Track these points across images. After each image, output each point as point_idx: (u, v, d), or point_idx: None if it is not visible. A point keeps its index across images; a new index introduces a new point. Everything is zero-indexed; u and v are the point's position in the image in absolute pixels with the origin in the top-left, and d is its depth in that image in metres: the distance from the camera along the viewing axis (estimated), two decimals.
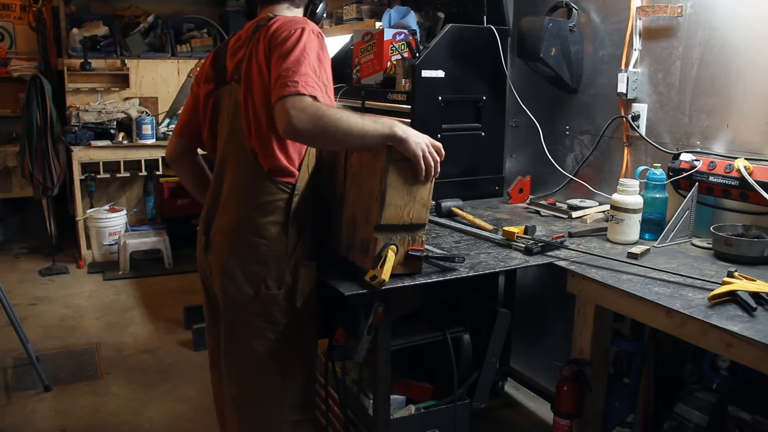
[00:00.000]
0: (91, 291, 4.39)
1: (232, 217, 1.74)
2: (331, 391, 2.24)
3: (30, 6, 5.29)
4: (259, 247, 1.70)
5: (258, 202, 1.70)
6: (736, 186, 1.94)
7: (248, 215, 1.70)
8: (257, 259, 1.71)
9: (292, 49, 1.57)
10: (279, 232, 1.70)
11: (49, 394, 2.99)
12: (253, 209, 1.70)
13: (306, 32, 1.61)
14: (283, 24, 1.64)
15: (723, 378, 1.90)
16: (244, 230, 1.71)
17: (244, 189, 1.72)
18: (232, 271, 1.73)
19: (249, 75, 1.68)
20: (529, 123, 2.75)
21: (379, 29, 2.85)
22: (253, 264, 1.71)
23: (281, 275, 1.72)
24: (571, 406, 2.12)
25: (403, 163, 1.62)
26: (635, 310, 1.64)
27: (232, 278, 1.73)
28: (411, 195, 1.66)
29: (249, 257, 1.71)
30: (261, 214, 1.70)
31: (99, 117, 4.92)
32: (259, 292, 1.72)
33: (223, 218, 1.77)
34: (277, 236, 1.70)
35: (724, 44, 2.04)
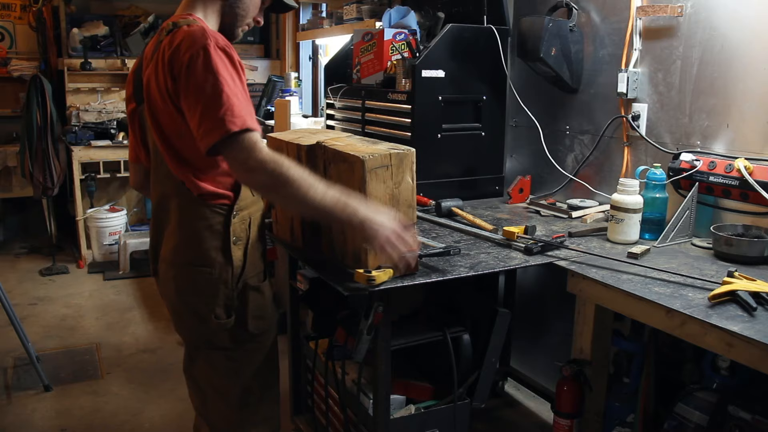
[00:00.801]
0: (91, 291, 4.39)
1: (172, 246, 1.62)
2: (331, 391, 2.24)
3: (30, 6, 5.29)
4: (202, 277, 1.59)
5: (194, 229, 1.57)
6: (736, 186, 1.94)
7: (186, 243, 1.59)
8: (201, 290, 1.61)
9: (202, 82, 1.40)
10: (220, 258, 1.59)
11: (49, 394, 2.99)
12: (190, 237, 1.58)
13: (210, 51, 1.41)
14: (181, 44, 1.44)
15: (723, 378, 1.90)
16: (184, 261, 1.60)
17: (180, 216, 1.59)
18: (178, 305, 1.66)
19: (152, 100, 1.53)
20: (529, 123, 2.75)
21: (379, 29, 2.85)
22: (198, 296, 1.62)
23: (229, 302, 1.63)
24: (571, 406, 2.12)
25: (381, 170, 1.60)
26: (635, 310, 1.64)
27: (179, 312, 1.68)
28: (394, 199, 1.65)
29: (193, 289, 1.61)
30: (199, 241, 1.57)
31: (99, 117, 4.92)
32: (206, 321, 1.63)
33: (165, 246, 1.65)
34: (219, 262, 1.59)
35: (724, 44, 2.04)
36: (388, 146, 1.74)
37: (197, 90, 1.41)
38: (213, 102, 1.39)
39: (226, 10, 1.61)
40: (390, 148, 1.71)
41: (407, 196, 1.68)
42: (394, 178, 1.64)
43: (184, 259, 1.61)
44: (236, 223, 1.60)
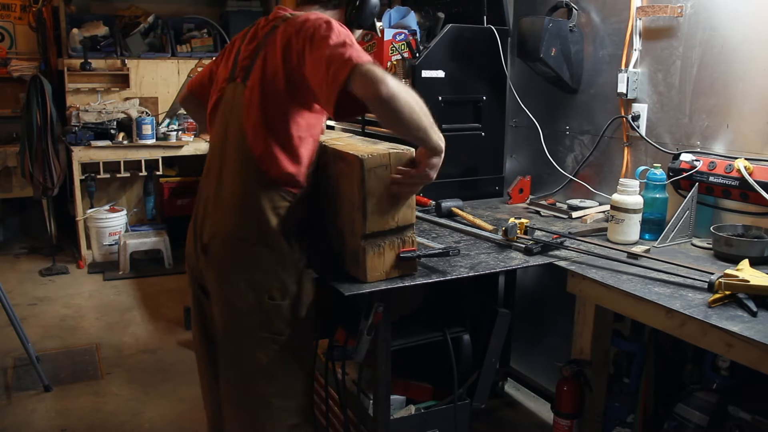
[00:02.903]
0: (91, 291, 4.39)
1: (231, 223, 1.67)
2: (331, 391, 2.24)
3: (30, 6, 5.29)
4: (263, 257, 1.65)
5: (263, 210, 1.64)
6: (736, 186, 1.94)
7: (250, 223, 1.65)
8: (261, 268, 1.66)
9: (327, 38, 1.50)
10: (283, 241, 1.66)
11: (49, 394, 2.99)
12: (257, 217, 1.64)
13: (334, 23, 1.54)
14: (305, 20, 1.57)
15: (723, 378, 1.90)
16: (246, 238, 1.66)
17: (248, 196, 1.65)
18: (235, 280, 1.68)
19: (258, 76, 1.62)
20: (529, 123, 2.75)
21: (379, 29, 2.85)
22: (257, 273, 1.66)
23: (286, 285, 1.68)
24: (572, 406, 2.12)
25: (380, 169, 1.60)
26: (635, 310, 1.64)
27: (235, 287, 1.68)
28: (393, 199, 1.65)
29: (252, 266, 1.66)
30: (265, 222, 1.64)
31: (99, 117, 4.92)
32: (263, 303, 1.67)
33: (221, 223, 1.69)
34: (281, 245, 1.66)
35: (724, 44, 2.04)
36: (387, 146, 1.74)
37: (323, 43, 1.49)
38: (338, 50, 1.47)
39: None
40: (389, 147, 1.70)
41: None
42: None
43: (245, 236, 1.66)
44: (300, 209, 1.69)
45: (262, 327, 1.70)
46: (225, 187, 1.70)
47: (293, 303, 1.70)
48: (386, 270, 1.69)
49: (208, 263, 1.74)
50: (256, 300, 1.67)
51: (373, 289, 1.66)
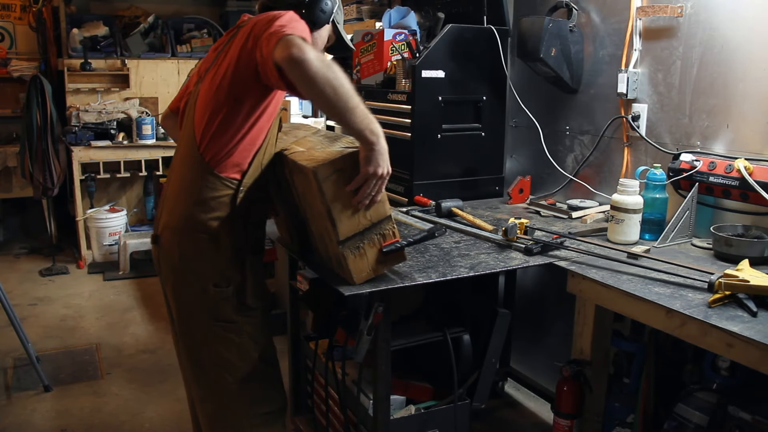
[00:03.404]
0: (91, 291, 4.39)
1: (178, 214, 1.72)
2: (331, 392, 2.24)
3: (30, 6, 5.29)
4: (205, 245, 1.69)
5: (202, 198, 1.68)
6: (736, 186, 1.94)
7: (193, 212, 1.69)
8: (204, 257, 1.70)
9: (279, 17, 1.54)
10: (224, 229, 1.69)
11: (49, 394, 2.99)
12: (197, 205, 1.68)
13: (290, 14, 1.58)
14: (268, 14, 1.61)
15: (723, 378, 1.90)
16: (190, 227, 1.69)
17: (190, 185, 1.70)
18: (180, 270, 1.73)
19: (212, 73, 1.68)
20: (529, 123, 2.75)
21: (379, 29, 2.85)
22: (201, 262, 1.70)
23: (229, 272, 1.71)
24: (571, 406, 2.11)
25: (336, 174, 1.55)
26: (635, 310, 1.64)
27: (182, 278, 1.74)
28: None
29: (196, 255, 1.70)
30: (206, 210, 1.68)
31: (99, 117, 4.92)
32: (208, 291, 1.71)
33: (170, 214, 1.75)
34: (223, 233, 1.69)
35: (724, 44, 2.04)
36: (345, 143, 1.68)
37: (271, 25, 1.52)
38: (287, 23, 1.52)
39: None
40: (346, 146, 1.65)
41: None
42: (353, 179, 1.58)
43: (188, 226, 1.70)
44: (241, 197, 1.70)
45: (211, 316, 1.73)
46: (174, 178, 1.77)
47: (238, 289, 1.72)
48: (372, 267, 1.66)
49: (160, 255, 1.79)
50: (201, 289, 1.71)
51: (373, 289, 1.66)
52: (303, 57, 1.40)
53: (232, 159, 1.67)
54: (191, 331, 1.79)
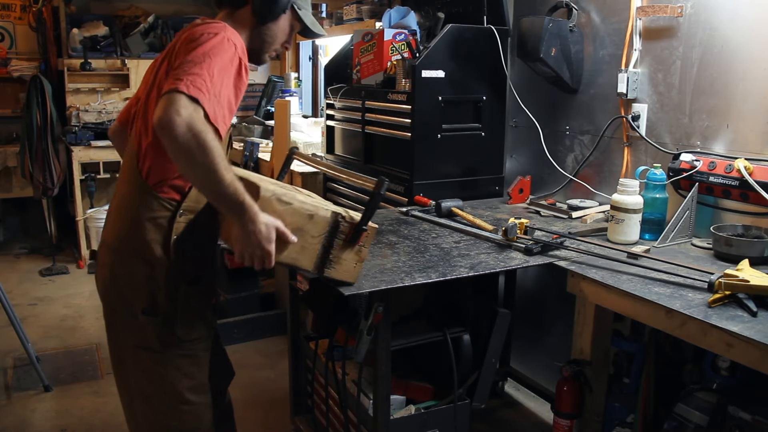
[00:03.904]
0: (91, 291, 4.39)
1: (114, 233, 1.61)
2: (331, 392, 2.24)
3: (30, 6, 5.29)
4: (137, 268, 1.57)
5: (138, 218, 1.55)
6: (736, 186, 1.94)
7: (128, 232, 1.57)
8: (135, 281, 1.58)
9: (195, 48, 1.42)
10: (159, 253, 1.55)
11: (49, 394, 2.99)
12: (132, 226, 1.56)
13: (219, 37, 1.46)
14: (199, 26, 1.51)
15: (723, 378, 1.90)
16: (123, 248, 1.58)
17: (127, 203, 1.58)
18: (111, 292, 1.63)
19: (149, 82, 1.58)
20: (529, 123, 2.75)
21: (379, 29, 2.85)
22: (131, 287, 1.59)
23: (158, 300, 1.57)
24: (571, 406, 2.12)
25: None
26: (635, 310, 1.64)
27: (111, 299, 1.65)
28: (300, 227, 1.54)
29: (127, 279, 1.59)
30: (141, 231, 1.55)
31: (99, 117, 4.92)
32: (135, 315, 1.59)
33: (107, 232, 1.64)
34: (157, 257, 1.55)
35: (724, 44, 2.04)
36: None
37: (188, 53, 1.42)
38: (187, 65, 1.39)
39: (253, 35, 1.65)
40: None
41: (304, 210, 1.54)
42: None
43: (123, 247, 1.59)
44: (180, 222, 1.57)
45: (138, 343, 1.62)
46: (116, 194, 1.66)
47: (167, 319, 1.59)
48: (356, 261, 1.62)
49: (97, 271, 1.71)
50: (129, 314, 1.60)
51: (373, 289, 1.66)
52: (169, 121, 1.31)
53: (170, 179, 1.55)
54: (120, 355, 1.69)
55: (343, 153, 3.16)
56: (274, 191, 1.49)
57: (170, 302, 1.58)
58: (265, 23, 1.65)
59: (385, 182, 1.57)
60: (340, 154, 3.20)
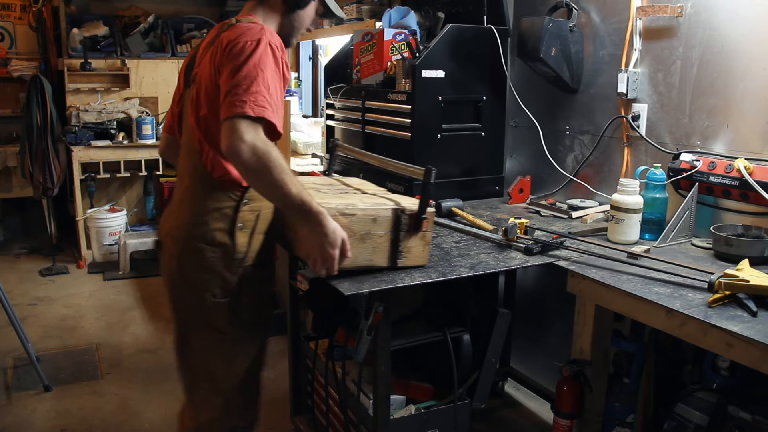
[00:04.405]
0: (91, 291, 4.39)
1: (180, 223, 1.72)
2: (331, 392, 2.24)
3: (30, 6, 5.29)
4: (205, 254, 1.67)
5: (206, 209, 1.67)
6: (736, 186, 1.94)
7: (195, 221, 1.68)
8: (203, 266, 1.68)
9: (244, 63, 1.52)
10: (225, 240, 1.67)
11: (49, 394, 2.99)
12: (200, 215, 1.67)
13: (262, 45, 1.55)
14: (240, 34, 1.58)
15: (723, 378, 1.90)
16: (191, 237, 1.68)
17: (194, 195, 1.70)
18: (178, 279, 1.73)
19: (200, 82, 1.65)
20: (529, 123, 2.75)
21: (379, 29, 2.85)
22: (199, 272, 1.69)
23: (227, 283, 1.69)
24: (571, 406, 2.12)
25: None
26: (635, 310, 1.64)
27: (178, 285, 1.75)
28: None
29: (195, 264, 1.69)
30: (208, 220, 1.67)
31: (99, 117, 4.92)
32: (204, 300, 1.69)
33: (173, 222, 1.74)
34: (224, 244, 1.67)
35: (724, 44, 2.04)
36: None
37: (237, 69, 1.52)
38: (245, 84, 1.50)
39: (284, 22, 1.75)
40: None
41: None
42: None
43: (189, 236, 1.69)
44: (245, 210, 1.68)
45: (205, 325, 1.73)
46: (180, 186, 1.77)
47: (233, 302, 1.71)
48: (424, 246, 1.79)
49: (162, 259, 1.80)
50: (198, 298, 1.70)
51: (373, 289, 1.66)
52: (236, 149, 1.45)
53: (233, 172, 1.65)
54: (186, 337, 1.80)
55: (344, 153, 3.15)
56: (337, 206, 1.65)
57: (237, 286, 1.70)
58: (295, 11, 1.75)
59: (432, 171, 1.72)
60: (340, 154, 3.19)
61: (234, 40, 1.57)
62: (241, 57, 1.53)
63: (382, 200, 1.81)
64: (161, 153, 2.02)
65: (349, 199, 1.77)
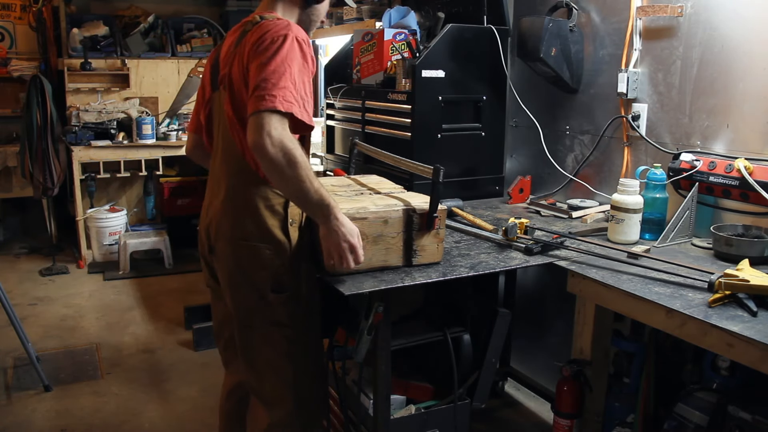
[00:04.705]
0: (91, 291, 4.39)
1: (233, 224, 1.73)
2: (331, 391, 2.24)
3: (30, 6, 5.29)
4: (262, 252, 1.70)
5: (257, 208, 1.69)
6: (736, 186, 1.94)
7: (247, 221, 1.70)
8: (261, 264, 1.71)
9: (272, 58, 1.55)
10: (280, 236, 1.70)
11: (49, 394, 2.99)
12: (253, 215, 1.70)
13: (288, 40, 1.57)
14: (267, 31, 1.60)
15: (723, 378, 1.90)
16: (246, 237, 1.70)
17: (244, 196, 1.71)
18: (237, 279, 1.74)
19: (233, 83, 1.67)
20: (529, 123, 2.75)
21: (379, 29, 2.85)
22: (257, 270, 1.71)
23: (284, 278, 1.72)
24: (571, 406, 2.12)
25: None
26: (635, 310, 1.64)
27: (238, 286, 1.75)
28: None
29: (252, 263, 1.71)
30: (261, 219, 1.69)
31: (99, 117, 4.92)
32: (265, 296, 1.72)
33: (225, 225, 1.75)
34: (278, 240, 1.70)
35: (724, 44, 2.04)
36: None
37: (265, 64, 1.55)
38: (273, 79, 1.53)
39: (302, 16, 1.80)
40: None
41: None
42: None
43: (244, 235, 1.71)
44: (293, 205, 1.71)
45: (266, 320, 1.75)
46: (223, 189, 1.76)
47: (293, 294, 1.74)
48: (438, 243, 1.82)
49: (218, 263, 1.81)
50: (258, 295, 1.72)
51: (373, 289, 1.66)
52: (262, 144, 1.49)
53: None
54: (248, 333, 1.80)
55: (343, 153, 3.16)
56: (348, 210, 1.69)
57: (294, 280, 1.74)
58: (312, 5, 1.80)
59: (441, 170, 1.75)
60: (340, 153, 3.20)
61: (261, 36, 1.59)
62: (269, 52, 1.55)
63: (394, 201, 1.83)
64: (188, 152, 2.04)
65: (361, 202, 1.79)
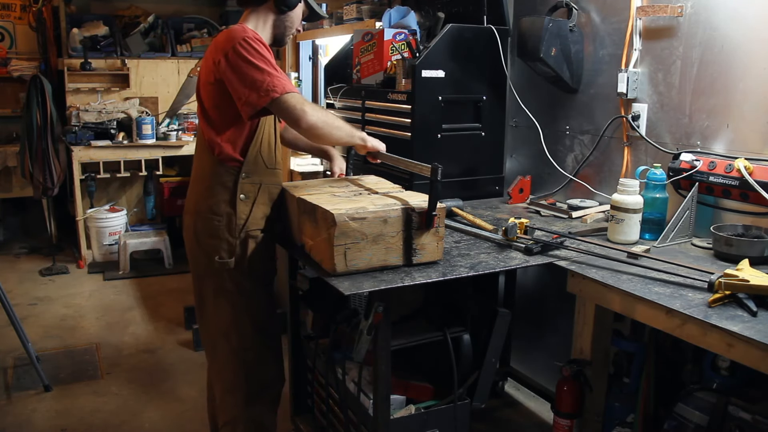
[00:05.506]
0: (91, 291, 4.39)
1: (193, 198, 2.03)
2: (331, 392, 2.24)
3: (30, 6, 5.29)
4: (212, 222, 1.97)
5: (211, 184, 1.97)
6: (736, 186, 1.94)
7: (204, 195, 1.98)
8: (211, 233, 1.97)
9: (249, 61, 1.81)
10: (227, 209, 1.96)
11: (49, 394, 2.99)
12: (207, 190, 1.98)
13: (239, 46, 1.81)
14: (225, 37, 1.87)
15: (723, 378, 1.90)
16: (200, 209, 1.99)
17: (202, 173, 2.00)
18: (193, 247, 2.03)
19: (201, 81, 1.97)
20: (529, 123, 2.75)
21: (379, 29, 2.85)
22: (208, 238, 1.98)
23: (231, 247, 1.97)
24: (571, 406, 2.12)
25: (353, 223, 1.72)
26: (635, 310, 1.64)
27: (193, 251, 2.04)
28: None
29: (204, 231, 1.99)
30: (213, 193, 1.97)
31: (99, 117, 4.92)
32: (212, 263, 1.98)
33: (190, 200, 2.06)
34: (226, 212, 1.96)
35: (724, 44, 2.04)
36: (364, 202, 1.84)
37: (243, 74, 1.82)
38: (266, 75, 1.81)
39: (277, 23, 2.03)
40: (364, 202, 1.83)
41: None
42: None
43: (200, 208, 2.00)
44: (245, 183, 1.97)
45: (216, 285, 2.01)
46: (193, 168, 2.08)
47: (239, 261, 1.98)
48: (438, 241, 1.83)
49: (183, 234, 2.10)
50: (208, 261, 1.99)
51: (373, 289, 1.66)
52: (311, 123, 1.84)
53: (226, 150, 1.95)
54: (203, 301, 2.06)
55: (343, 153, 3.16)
56: (347, 211, 1.72)
57: (240, 249, 1.98)
58: (284, 13, 2.02)
59: (439, 168, 1.79)
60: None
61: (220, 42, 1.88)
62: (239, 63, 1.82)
63: (392, 200, 1.83)
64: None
65: (360, 203, 1.80)
